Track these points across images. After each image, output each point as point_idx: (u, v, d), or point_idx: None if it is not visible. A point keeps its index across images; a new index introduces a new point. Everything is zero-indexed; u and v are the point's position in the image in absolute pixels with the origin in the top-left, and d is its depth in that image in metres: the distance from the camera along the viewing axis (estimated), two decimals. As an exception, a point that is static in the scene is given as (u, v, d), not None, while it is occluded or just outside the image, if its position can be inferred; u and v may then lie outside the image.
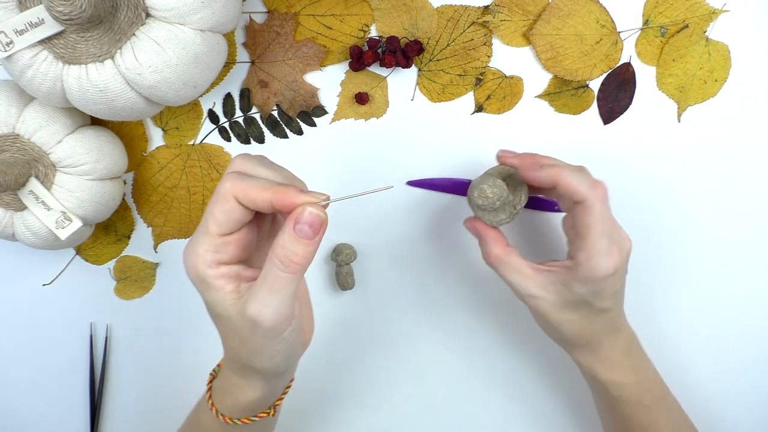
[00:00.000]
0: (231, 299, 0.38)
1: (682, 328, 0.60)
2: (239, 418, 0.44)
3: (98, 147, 0.52)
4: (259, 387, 0.43)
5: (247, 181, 0.38)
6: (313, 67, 0.57)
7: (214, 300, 0.39)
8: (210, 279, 0.38)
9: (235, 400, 0.44)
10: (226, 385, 0.44)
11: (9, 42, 0.45)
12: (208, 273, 0.38)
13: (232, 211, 0.38)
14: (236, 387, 0.43)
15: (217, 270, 0.38)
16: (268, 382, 0.43)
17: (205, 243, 0.38)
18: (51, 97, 0.48)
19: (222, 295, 0.38)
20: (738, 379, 0.60)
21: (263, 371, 0.42)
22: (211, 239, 0.38)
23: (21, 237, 0.53)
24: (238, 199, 0.38)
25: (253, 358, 0.40)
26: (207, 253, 0.38)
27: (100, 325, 0.62)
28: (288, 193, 0.37)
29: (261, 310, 0.37)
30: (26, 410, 0.63)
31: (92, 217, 0.53)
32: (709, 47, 0.56)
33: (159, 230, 0.60)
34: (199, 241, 0.38)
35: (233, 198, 0.38)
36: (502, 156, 0.51)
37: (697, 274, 0.59)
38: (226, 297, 0.38)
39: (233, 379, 0.43)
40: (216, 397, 0.45)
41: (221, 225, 0.38)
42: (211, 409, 0.45)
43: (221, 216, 0.38)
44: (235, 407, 0.44)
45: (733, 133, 0.57)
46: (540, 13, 0.55)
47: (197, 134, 0.58)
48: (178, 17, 0.46)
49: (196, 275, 0.39)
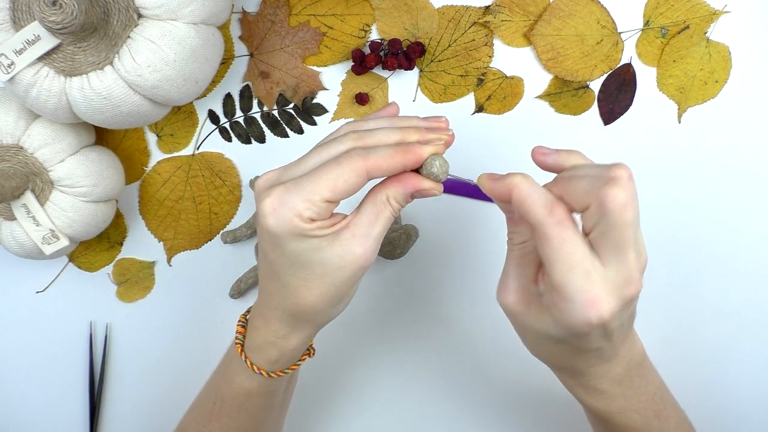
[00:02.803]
0: (326, 242, 0.39)
1: (680, 329, 0.60)
2: (287, 368, 0.46)
3: (99, 171, 0.53)
4: (307, 333, 0.44)
5: (376, 153, 0.39)
6: (311, 51, 0.56)
7: (305, 248, 0.39)
8: (306, 231, 0.39)
9: (281, 350, 0.45)
10: (271, 339, 0.44)
11: (10, 63, 0.46)
12: (305, 227, 0.38)
13: (358, 183, 0.38)
14: (284, 337, 0.44)
15: (313, 224, 0.39)
16: (320, 327, 0.45)
17: (309, 201, 0.38)
18: (58, 112, 0.48)
19: (316, 242, 0.39)
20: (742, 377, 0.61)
21: (333, 315, 0.44)
22: (318, 201, 0.38)
23: (6, 245, 0.54)
24: (370, 173, 0.38)
25: (334, 302, 0.42)
26: (307, 210, 0.38)
27: (99, 324, 0.62)
28: (414, 152, 0.39)
29: (373, 248, 0.40)
30: (26, 410, 0.63)
31: (80, 236, 0.54)
32: (710, 48, 0.56)
33: (170, 243, 0.60)
34: (301, 197, 0.38)
35: (365, 172, 0.38)
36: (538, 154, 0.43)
37: (697, 274, 0.60)
38: (321, 242, 0.39)
39: (282, 331, 0.44)
40: (253, 354, 0.46)
41: (337, 193, 0.38)
42: (252, 368, 0.45)
43: (343, 185, 0.38)
44: (280, 359, 0.45)
45: (733, 134, 0.58)
46: (541, 14, 0.55)
47: (191, 141, 0.58)
48: (170, 13, 0.46)
49: (290, 229, 0.39)
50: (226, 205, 0.60)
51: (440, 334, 0.61)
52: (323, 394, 0.62)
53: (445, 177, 0.40)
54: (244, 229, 0.59)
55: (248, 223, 0.59)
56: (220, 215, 0.60)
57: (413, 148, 0.39)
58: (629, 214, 0.35)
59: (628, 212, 0.35)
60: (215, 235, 0.60)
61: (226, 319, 0.61)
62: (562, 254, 0.36)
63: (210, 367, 0.63)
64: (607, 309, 0.36)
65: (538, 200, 0.37)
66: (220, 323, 0.61)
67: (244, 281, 0.60)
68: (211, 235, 0.60)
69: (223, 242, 0.59)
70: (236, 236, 0.59)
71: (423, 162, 0.40)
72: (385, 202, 0.40)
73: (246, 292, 0.60)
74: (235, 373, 0.47)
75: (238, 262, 0.60)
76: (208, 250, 0.60)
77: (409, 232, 0.59)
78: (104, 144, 0.57)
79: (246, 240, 0.60)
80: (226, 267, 0.60)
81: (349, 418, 0.62)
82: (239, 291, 0.60)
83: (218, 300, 0.61)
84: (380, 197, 0.40)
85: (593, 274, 0.36)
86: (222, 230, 0.60)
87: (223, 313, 0.61)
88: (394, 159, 0.39)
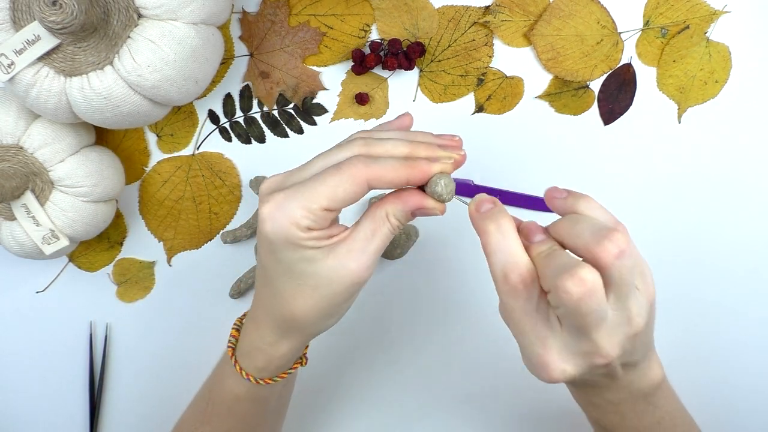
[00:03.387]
0: (321, 255, 0.39)
1: (682, 330, 0.60)
2: (276, 376, 0.45)
3: (99, 171, 0.53)
4: (296, 342, 0.44)
5: (379, 163, 0.38)
6: (311, 51, 0.56)
7: (299, 258, 0.39)
8: (301, 241, 0.38)
9: (269, 357, 0.44)
10: (259, 345, 0.44)
11: (10, 63, 0.46)
12: (301, 236, 0.38)
13: (357, 193, 0.38)
14: (271, 345, 0.44)
15: (309, 234, 0.38)
16: (311, 338, 0.44)
17: (307, 210, 0.38)
18: (58, 112, 0.48)
19: (311, 253, 0.39)
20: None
21: (323, 328, 0.43)
22: (316, 209, 0.38)
23: (6, 245, 0.54)
24: (370, 183, 0.38)
25: (325, 314, 0.41)
26: (304, 219, 0.38)
27: (99, 324, 0.62)
28: (421, 168, 0.38)
29: (368, 264, 0.39)
30: (26, 410, 0.63)
31: (81, 236, 0.54)
32: (710, 48, 0.56)
33: (170, 243, 0.60)
34: (299, 204, 0.38)
35: (365, 182, 0.38)
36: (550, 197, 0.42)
37: (697, 274, 0.60)
38: (316, 254, 0.39)
39: (270, 338, 0.43)
40: (242, 359, 0.45)
41: (336, 202, 0.38)
42: (241, 373, 0.45)
43: (342, 194, 0.37)
44: (268, 366, 0.44)
45: (733, 134, 0.58)
46: (541, 14, 0.55)
47: (191, 141, 0.58)
48: (170, 13, 0.46)
49: (285, 237, 0.38)
50: (226, 205, 0.60)
51: (440, 334, 0.61)
52: (320, 395, 0.62)
53: (449, 198, 0.39)
54: (244, 229, 0.59)
55: (248, 223, 0.59)
56: (220, 215, 0.60)
57: (420, 163, 0.38)
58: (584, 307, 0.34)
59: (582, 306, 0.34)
60: (215, 235, 0.60)
61: (225, 319, 0.61)
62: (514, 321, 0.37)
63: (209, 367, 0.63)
64: (561, 371, 0.37)
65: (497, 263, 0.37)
66: (220, 323, 0.61)
67: (244, 281, 0.60)
68: (211, 235, 0.60)
69: (224, 242, 0.59)
70: (236, 236, 0.59)
71: (428, 179, 0.39)
72: (384, 219, 0.39)
73: (246, 292, 0.60)
74: (226, 376, 0.47)
75: (238, 262, 0.60)
76: (208, 250, 0.60)
77: (409, 232, 0.59)
78: (104, 144, 0.57)
79: (246, 240, 0.60)
80: (226, 267, 0.60)
81: (349, 419, 0.62)
82: (239, 291, 0.60)
83: (218, 300, 0.61)
84: (379, 213, 0.39)
85: (548, 340, 0.37)
86: (222, 230, 0.60)
87: (222, 313, 0.61)
88: (398, 172, 0.38)
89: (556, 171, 0.59)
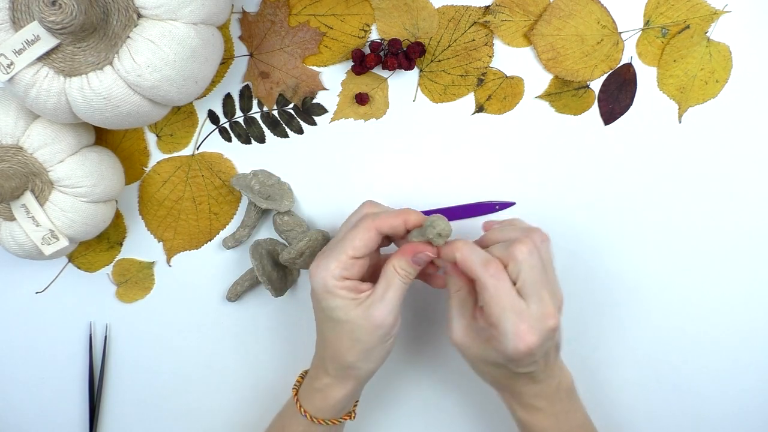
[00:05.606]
0: (353, 305, 0.48)
1: (680, 328, 0.60)
2: (329, 419, 0.52)
3: (98, 171, 0.53)
4: (350, 387, 0.51)
5: (382, 215, 0.49)
6: (311, 51, 0.56)
7: (336, 306, 0.48)
8: (336, 289, 0.48)
9: (325, 398, 0.51)
10: (318, 386, 0.52)
11: (10, 63, 0.46)
12: (336, 284, 0.48)
13: (371, 240, 0.48)
14: (328, 387, 0.51)
15: (342, 283, 0.48)
16: (360, 383, 0.52)
17: (338, 261, 0.48)
18: (58, 113, 0.48)
19: (345, 302, 0.48)
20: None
21: (364, 372, 0.51)
22: (345, 259, 0.48)
23: (5, 245, 0.53)
24: (378, 229, 0.48)
25: (362, 357, 0.49)
26: (337, 269, 0.48)
27: (99, 325, 0.62)
28: (412, 215, 0.49)
29: (387, 311, 0.48)
30: (25, 410, 0.63)
31: (80, 237, 0.54)
32: (710, 48, 0.56)
33: (170, 243, 0.60)
34: (332, 258, 0.48)
35: (375, 229, 0.48)
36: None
37: (697, 274, 0.60)
38: (348, 303, 0.48)
39: (326, 380, 0.51)
40: (303, 399, 0.52)
41: (357, 249, 0.48)
42: (301, 413, 0.52)
43: (360, 242, 0.48)
44: (324, 406, 0.52)
45: (733, 134, 0.58)
46: (541, 14, 0.55)
47: (191, 141, 0.58)
48: (169, 13, 0.46)
49: (324, 286, 0.48)
50: (226, 205, 0.60)
51: (440, 334, 0.61)
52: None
53: (443, 241, 0.47)
54: (242, 230, 0.59)
55: (244, 222, 0.59)
56: (220, 215, 0.60)
57: (413, 210, 0.49)
58: (534, 259, 0.46)
59: (533, 258, 0.45)
60: (215, 235, 0.60)
61: (225, 319, 0.61)
62: (497, 299, 0.45)
63: (209, 367, 0.63)
64: (532, 340, 0.45)
65: (477, 259, 0.46)
66: (220, 323, 0.61)
67: (241, 284, 0.60)
68: (210, 236, 0.60)
69: (225, 248, 0.59)
70: (237, 239, 0.59)
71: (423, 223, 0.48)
72: (393, 272, 0.49)
73: (243, 294, 0.60)
74: (288, 416, 0.54)
75: (238, 262, 0.60)
76: (208, 250, 0.60)
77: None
78: (104, 144, 0.57)
79: (246, 240, 0.60)
80: (226, 267, 0.60)
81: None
82: (236, 294, 0.60)
83: (218, 300, 0.61)
84: (389, 268, 0.49)
85: (523, 314, 0.45)
86: (221, 231, 0.60)
87: (222, 313, 0.61)
88: (397, 216, 0.49)
89: (557, 171, 0.59)
